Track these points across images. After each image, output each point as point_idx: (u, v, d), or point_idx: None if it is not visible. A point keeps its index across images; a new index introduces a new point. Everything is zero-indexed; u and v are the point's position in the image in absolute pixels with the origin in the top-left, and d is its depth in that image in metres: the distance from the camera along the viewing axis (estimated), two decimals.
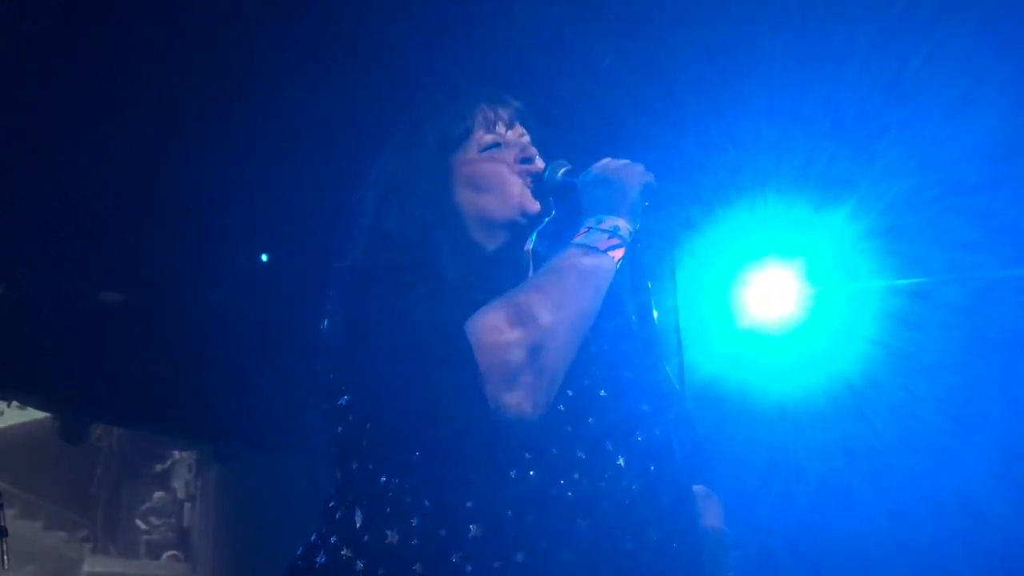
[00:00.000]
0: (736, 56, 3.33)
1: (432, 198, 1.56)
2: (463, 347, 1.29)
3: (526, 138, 1.67)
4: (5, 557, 4.22)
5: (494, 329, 1.31)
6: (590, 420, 1.43)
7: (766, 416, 4.55)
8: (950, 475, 4.32)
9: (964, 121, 3.42)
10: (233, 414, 5.99)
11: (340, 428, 1.46)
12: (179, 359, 5.39)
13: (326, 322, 1.52)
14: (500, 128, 1.64)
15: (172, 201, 4.18)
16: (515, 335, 1.31)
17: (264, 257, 4.74)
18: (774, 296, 4.37)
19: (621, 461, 1.42)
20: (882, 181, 3.73)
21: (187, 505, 11.99)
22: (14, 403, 5.49)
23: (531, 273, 1.59)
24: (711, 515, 1.63)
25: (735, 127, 3.62)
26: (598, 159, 1.60)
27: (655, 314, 1.60)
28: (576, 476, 1.37)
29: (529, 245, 1.64)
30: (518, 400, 1.30)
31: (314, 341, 1.60)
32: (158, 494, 12.49)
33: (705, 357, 4.31)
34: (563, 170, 1.60)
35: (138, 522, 12.64)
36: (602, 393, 1.48)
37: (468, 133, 1.62)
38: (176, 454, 12.01)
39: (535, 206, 1.59)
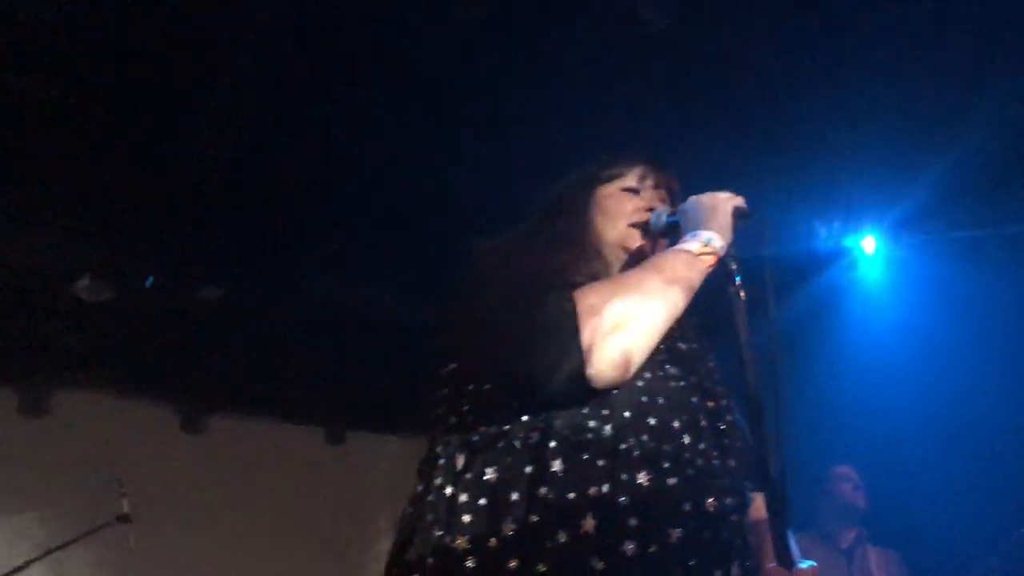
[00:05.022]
0: None
1: (572, 214, 1.93)
2: (570, 310, 1.54)
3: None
4: (130, 537, 4.57)
5: (598, 299, 1.56)
6: (660, 400, 1.64)
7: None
8: None
9: None
10: (344, 399, 6.27)
11: (446, 390, 1.71)
12: (284, 349, 5.69)
13: (447, 295, 1.78)
14: (646, 183, 1.98)
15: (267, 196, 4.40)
16: (614, 309, 1.55)
17: None
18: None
19: (686, 439, 1.62)
20: None
21: None
22: None
23: None
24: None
25: None
26: None
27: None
28: (644, 438, 1.57)
29: None
30: (606, 362, 1.52)
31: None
32: None
33: None
34: (666, 213, 1.89)
35: None
36: (674, 384, 1.69)
37: (618, 176, 1.99)
38: None
39: (635, 243, 1.89)
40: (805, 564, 1.77)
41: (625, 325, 1.55)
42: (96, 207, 4.42)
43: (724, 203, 1.79)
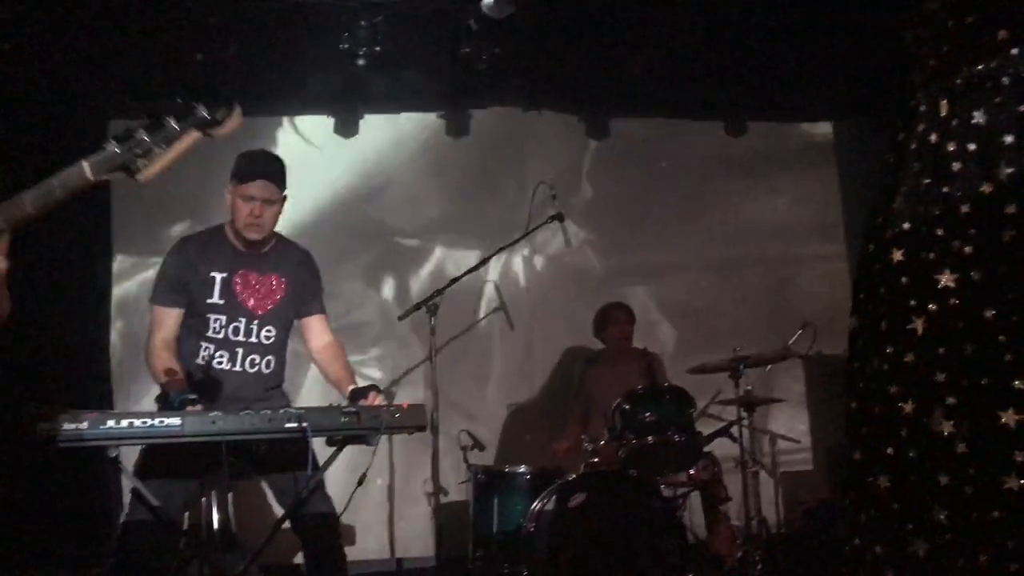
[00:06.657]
0: None
1: None
2: None
3: None
4: (566, 232, 4.95)
5: None
6: None
7: None
8: None
9: None
10: (741, 90, 6.17)
11: (923, 31, 1.61)
12: (678, 45, 5.66)
13: None
14: None
15: None
16: None
17: None
18: None
19: None
20: None
21: None
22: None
23: None
24: None
25: None
26: None
27: None
28: None
29: None
30: None
31: None
32: None
33: None
34: None
35: None
36: None
37: None
38: None
39: None
40: None
41: None
42: None
43: None
